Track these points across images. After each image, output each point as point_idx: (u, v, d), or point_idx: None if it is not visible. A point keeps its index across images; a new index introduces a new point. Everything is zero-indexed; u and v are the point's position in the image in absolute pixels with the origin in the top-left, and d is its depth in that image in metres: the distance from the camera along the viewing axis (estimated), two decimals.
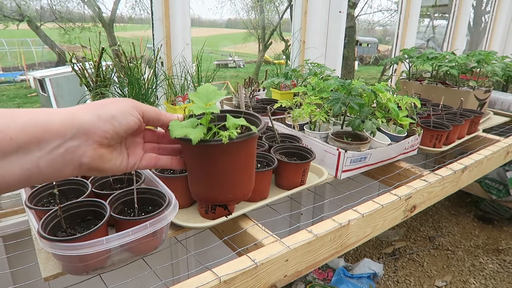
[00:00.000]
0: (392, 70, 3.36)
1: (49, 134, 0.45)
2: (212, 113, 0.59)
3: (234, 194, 0.62)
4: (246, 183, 0.64)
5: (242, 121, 0.59)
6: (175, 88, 1.86)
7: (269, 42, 15.21)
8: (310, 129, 1.59)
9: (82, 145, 0.48)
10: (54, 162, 0.46)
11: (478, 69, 2.36)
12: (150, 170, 1.12)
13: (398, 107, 1.58)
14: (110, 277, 0.93)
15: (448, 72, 2.29)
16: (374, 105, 1.65)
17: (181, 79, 1.87)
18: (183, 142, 0.57)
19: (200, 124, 0.59)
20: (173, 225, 1.05)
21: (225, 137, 0.54)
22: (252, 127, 0.58)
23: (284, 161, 1.26)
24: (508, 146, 1.95)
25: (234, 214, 1.11)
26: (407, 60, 2.51)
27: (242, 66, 17.72)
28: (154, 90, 1.65)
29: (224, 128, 0.58)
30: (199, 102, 0.59)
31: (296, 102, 1.69)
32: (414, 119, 1.68)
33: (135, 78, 1.50)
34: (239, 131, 0.58)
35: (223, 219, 1.08)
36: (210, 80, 1.92)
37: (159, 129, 0.62)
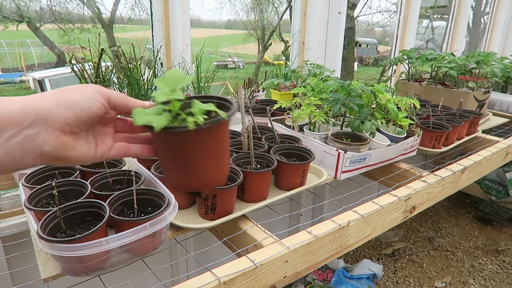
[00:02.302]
0: (392, 71, 3.36)
1: (5, 122, 0.44)
2: (182, 100, 0.57)
3: (206, 181, 0.61)
4: (218, 169, 0.62)
5: (210, 107, 0.57)
6: None
7: (268, 43, 15.22)
8: (310, 130, 1.59)
9: (41, 133, 0.47)
10: (13, 151, 0.45)
11: (477, 70, 2.36)
12: (149, 171, 1.12)
13: (398, 108, 1.58)
14: (110, 278, 0.93)
15: (448, 73, 2.30)
16: (374, 106, 1.65)
17: None
18: (151, 130, 0.55)
19: (167, 110, 0.57)
20: (172, 226, 1.05)
21: (191, 123, 0.52)
22: (221, 112, 0.56)
23: (284, 162, 1.26)
24: (508, 147, 1.95)
25: (233, 215, 1.11)
26: (407, 61, 2.51)
27: (241, 67, 17.73)
28: (154, 91, 1.64)
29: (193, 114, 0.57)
30: (164, 88, 0.57)
31: (295, 103, 1.69)
32: (414, 120, 1.68)
33: (134, 79, 1.50)
34: (206, 116, 0.56)
35: (223, 220, 1.08)
36: (210, 81, 1.92)
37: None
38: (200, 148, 0.57)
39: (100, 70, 1.53)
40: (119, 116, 0.59)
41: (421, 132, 1.70)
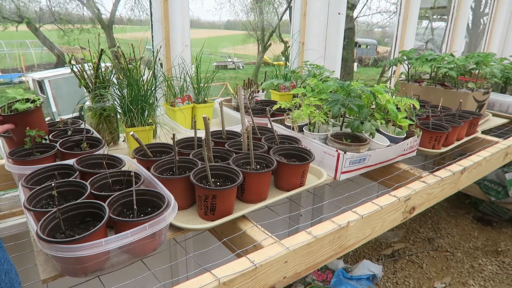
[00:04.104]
0: (391, 71, 3.37)
1: None
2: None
3: None
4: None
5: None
6: (174, 90, 1.86)
7: (268, 43, 15.22)
8: (309, 130, 1.59)
9: None
10: None
11: (477, 71, 2.37)
12: (149, 171, 1.12)
13: (397, 108, 1.58)
14: (109, 279, 0.93)
15: (447, 74, 2.30)
16: (373, 106, 1.65)
17: (180, 81, 1.87)
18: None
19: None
20: (172, 227, 1.05)
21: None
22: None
23: (283, 162, 1.26)
24: (507, 147, 1.95)
25: (233, 216, 1.11)
26: (406, 62, 2.52)
27: (241, 68, 17.72)
28: (153, 91, 1.64)
29: None
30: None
31: (295, 103, 1.69)
32: (413, 121, 1.68)
33: (134, 80, 1.50)
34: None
35: (222, 220, 1.08)
36: (210, 81, 1.92)
37: None
38: None
39: (100, 70, 1.53)
40: None
41: (421, 132, 1.70)
